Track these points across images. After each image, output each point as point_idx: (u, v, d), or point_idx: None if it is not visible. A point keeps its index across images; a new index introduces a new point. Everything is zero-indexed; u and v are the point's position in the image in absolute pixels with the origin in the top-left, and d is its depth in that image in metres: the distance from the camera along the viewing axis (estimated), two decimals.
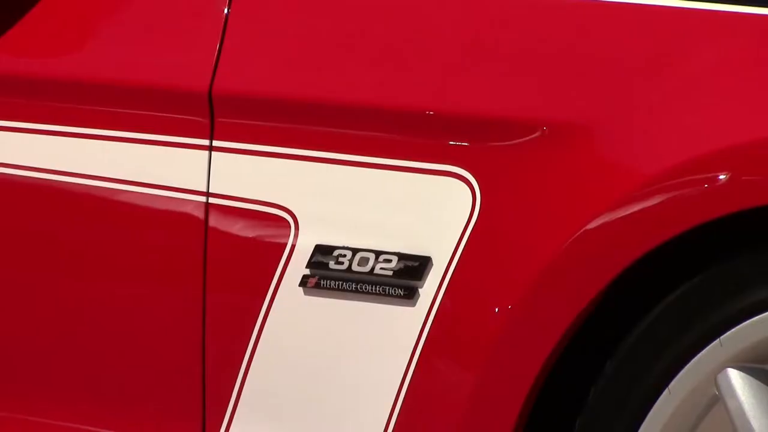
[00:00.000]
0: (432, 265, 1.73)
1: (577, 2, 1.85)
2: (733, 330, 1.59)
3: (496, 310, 1.69)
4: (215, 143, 1.86)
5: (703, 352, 1.61)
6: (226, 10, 1.90)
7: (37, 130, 2.03)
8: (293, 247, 1.80)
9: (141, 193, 1.91)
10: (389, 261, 1.77)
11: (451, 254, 1.73)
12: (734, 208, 1.56)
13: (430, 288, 1.73)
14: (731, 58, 1.74)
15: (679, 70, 1.73)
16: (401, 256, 1.75)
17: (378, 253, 1.76)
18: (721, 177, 1.58)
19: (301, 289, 1.79)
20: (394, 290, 1.74)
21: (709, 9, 1.77)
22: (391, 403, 1.77)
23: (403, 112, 1.80)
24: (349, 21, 1.92)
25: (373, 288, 1.75)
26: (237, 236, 1.86)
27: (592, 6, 1.85)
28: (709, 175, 1.60)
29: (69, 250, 2.02)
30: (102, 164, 1.95)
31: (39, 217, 2.06)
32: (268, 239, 1.83)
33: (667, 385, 1.61)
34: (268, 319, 1.83)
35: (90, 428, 2.01)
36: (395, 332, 1.77)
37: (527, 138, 1.73)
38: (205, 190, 1.85)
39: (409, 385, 1.74)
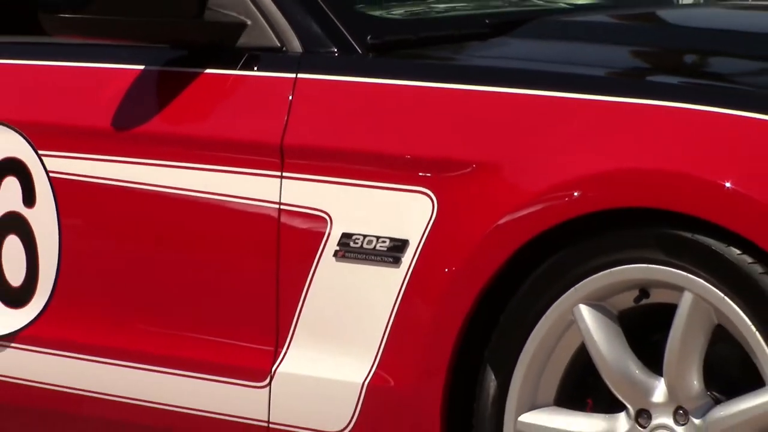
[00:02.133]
0: (409, 244, 2.19)
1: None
2: (581, 282, 2.07)
3: (446, 270, 2.14)
4: (284, 173, 2.29)
5: (565, 294, 2.08)
6: (290, 97, 2.32)
7: (180, 166, 2.38)
8: (329, 233, 2.26)
9: (244, 202, 2.34)
10: (384, 242, 2.22)
11: (419, 238, 2.19)
12: (582, 212, 2.04)
13: (407, 257, 2.19)
14: (585, 127, 2.16)
15: (554, 133, 2.16)
16: (391, 239, 2.22)
17: (378, 237, 2.22)
18: (575, 194, 2.05)
19: (333, 258, 2.25)
20: (387, 258, 2.22)
21: (576, 97, 2.18)
22: (385, 322, 2.20)
23: (395, 157, 2.25)
24: (370, 111, 2.33)
25: (375, 257, 2.23)
26: (297, 227, 2.31)
27: (502, 95, 2.25)
28: (568, 192, 2.06)
29: (199, 235, 2.40)
30: (220, 186, 2.36)
31: (186, 215, 2.43)
32: (315, 229, 2.27)
33: (544, 313, 2.09)
34: (315, 274, 2.26)
35: (212, 338, 2.38)
36: (388, 283, 2.22)
37: (465, 171, 2.17)
38: (278, 200, 2.30)
39: (396, 313, 2.19)
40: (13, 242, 2.53)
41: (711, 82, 2.29)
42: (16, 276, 2.53)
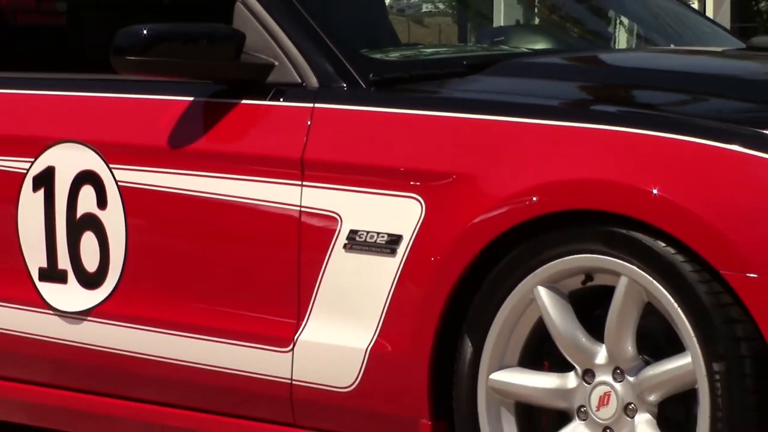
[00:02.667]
0: (402, 239, 2.17)
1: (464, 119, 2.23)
2: (539, 269, 2.05)
3: (432, 259, 2.12)
4: (304, 183, 2.28)
5: (526, 278, 2.07)
6: (308, 123, 2.30)
7: (221, 177, 2.36)
8: (340, 230, 2.24)
9: (271, 205, 2.32)
10: (383, 237, 2.19)
11: (411, 234, 2.16)
12: (539, 213, 2.04)
13: (401, 249, 2.17)
14: (541, 145, 2.15)
15: (516, 150, 2.16)
16: (388, 235, 2.19)
17: (378, 233, 2.20)
18: (534, 199, 2.04)
19: (343, 249, 2.23)
20: (385, 250, 2.19)
21: (533, 122, 2.17)
22: (384, 300, 2.18)
23: (392, 169, 2.23)
24: (372, 133, 2.31)
25: (376, 249, 2.20)
26: (314, 225, 2.27)
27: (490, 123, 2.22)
28: (528, 197, 2.06)
29: (236, 231, 2.39)
30: (253, 192, 2.34)
31: (225, 215, 2.38)
32: (328, 227, 2.25)
33: (510, 293, 2.08)
34: (329, 263, 2.25)
35: (246, 313, 2.35)
36: (386, 269, 2.19)
37: (447, 181, 2.16)
38: (299, 204, 2.28)
39: (392, 293, 2.17)
40: (89, 237, 2.52)
41: (640, 110, 2.28)
42: (91, 264, 2.52)
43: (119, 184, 2.48)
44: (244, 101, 2.42)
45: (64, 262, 2.55)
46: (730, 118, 2.12)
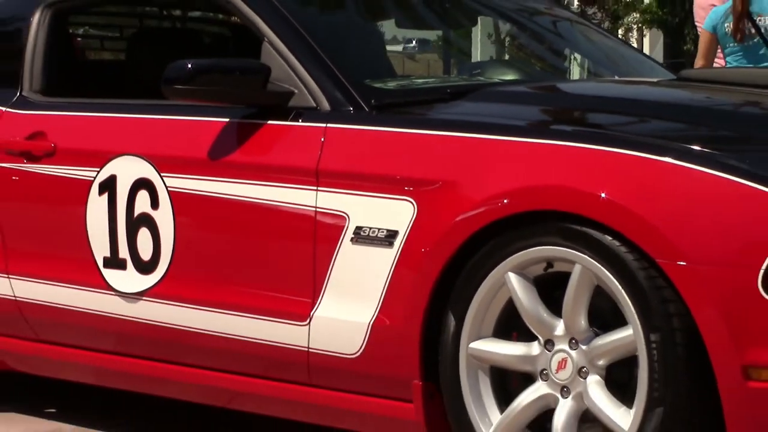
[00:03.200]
0: (398, 233, 2.15)
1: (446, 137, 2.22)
2: (509, 258, 2.03)
3: (422, 250, 2.11)
4: (319, 188, 2.25)
5: (499, 266, 2.05)
6: (322, 139, 2.28)
7: (252, 183, 2.34)
8: (347, 227, 2.21)
9: (292, 206, 2.29)
10: (383, 232, 2.17)
11: (405, 230, 2.14)
12: (509, 213, 2.03)
13: (398, 242, 2.15)
14: (511, 157, 2.12)
15: (491, 161, 2.13)
16: (387, 230, 2.17)
17: (378, 229, 2.18)
18: (504, 201, 2.03)
19: (350, 242, 2.20)
20: (384, 243, 2.17)
21: (504, 139, 2.15)
22: (384, 284, 2.16)
23: (389, 177, 2.20)
24: (373, 148, 2.29)
25: (377, 242, 2.18)
26: (327, 222, 2.24)
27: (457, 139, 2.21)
28: (500, 200, 2.04)
29: (263, 228, 2.36)
30: (277, 196, 2.31)
31: (255, 214, 2.35)
32: (338, 224, 2.22)
33: (485, 278, 2.06)
34: (338, 253, 2.22)
35: (273, 294, 2.31)
36: (384, 259, 2.17)
37: (435, 186, 2.14)
38: (315, 205, 2.25)
39: (390, 278, 2.15)
40: (144, 232, 2.50)
41: (590, 129, 2.26)
42: (146, 254, 2.50)
43: (169, 189, 2.46)
44: (269, 122, 2.40)
45: (123, 252, 2.54)
46: (664, 135, 2.11)
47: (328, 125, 2.33)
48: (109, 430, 2.68)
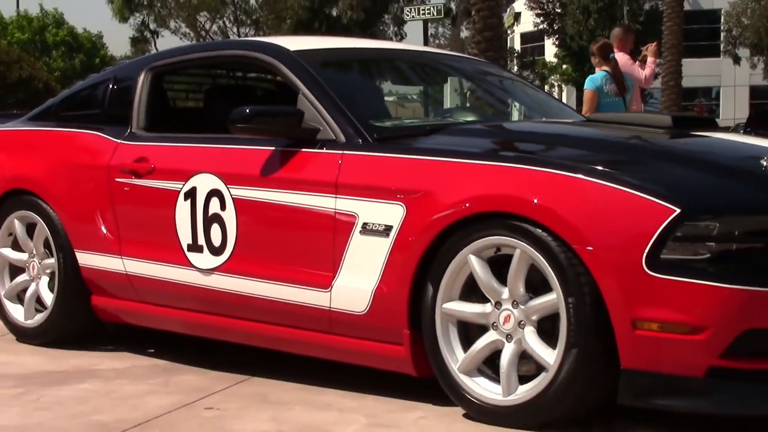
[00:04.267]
0: (393, 227, 2.11)
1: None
2: (470, 245, 2.01)
3: (410, 239, 2.08)
4: (337, 196, 2.21)
5: (463, 250, 2.02)
6: (339, 162, 2.24)
7: (290, 192, 2.29)
8: (357, 222, 2.17)
9: (318, 208, 2.24)
10: (382, 226, 2.13)
11: (398, 225, 2.10)
12: (470, 213, 1.99)
13: (393, 234, 2.11)
14: (471, 175, 2.05)
15: (456, 177, 2.06)
16: (385, 225, 2.13)
17: (379, 224, 2.14)
18: (467, 204, 2.00)
19: (359, 233, 2.16)
20: (383, 234, 2.13)
21: (466, 162, 2.10)
22: (382, 262, 2.12)
23: (386, 188, 2.15)
24: (374, 168, 2.21)
25: (378, 233, 2.14)
26: (342, 220, 2.20)
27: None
28: (463, 204, 2.01)
29: (298, 223, 2.30)
30: (308, 201, 2.26)
31: (292, 214, 2.29)
32: (351, 220, 2.18)
33: (453, 258, 2.03)
34: (350, 241, 2.18)
35: (305, 269, 2.26)
36: (383, 245, 2.13)
37: (418, 195, 2.09)
38: (334, 208, 2.21)
39: (387, 258, 2.12)
40: (215, 227, 2.45)
41: (525, 154, 2.19)
42: (216, 242, 2.45)
43: (233, 196, 2.42)
44: (303, 150, 2.36)
45: (201, 240, 2.49)
46: (576, 159, 2.06)
47: (344, 152, 2.29)
48: (191, 364, 2.64)
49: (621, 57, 5.24)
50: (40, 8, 28.49)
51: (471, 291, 2.09)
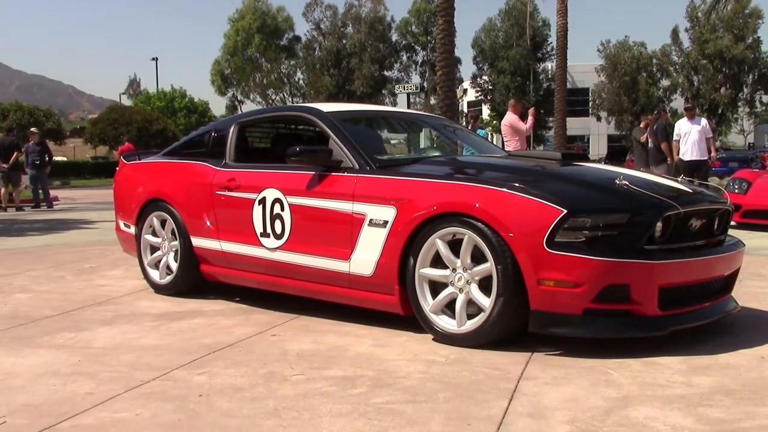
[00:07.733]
0: (389, 221, 2.05)
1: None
2: (436, 232, 1.96)
3: (399, 229, 2.01)
4: (354, 202, 2.15)
5: (432, 235, 1.98)
6: (355, 181, 2.14)
7: (323, 199, 2.22)
8: (366, 219, 2.11)
9: (342, 209, 2.17)
10: (381, 221, 2.08)
11: (392, 220, 2.05)
12: (437, 213, 1.94)
13: (389, 225, 2.05)
14: (437, 190, 1.97)
15: (427, 191, 1.97)
16: (383, 220, 2.07)
17: (380, 219, 2.08)
18: (434, 207, 1.95)
19: (368, 225, 2.10)
20: (382, 226, 2.07)
21: (434, 181, 2.01)
22: (382, 244, 2.06)
23: (384, 197, 2.07)
24: (377, 186, 2.09)
25: (379, 225, 2.08)
26: (356, 217, 2.13)
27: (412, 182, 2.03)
28: (432, 207, 1.95)
29: (328, 219, 2.21)
30: (334, 205, 2.19)
31: (324, 214, 2.22)
32: (362, 218, 2.11)
33: (426, 241, 1.96)
34: (362, 230, 2.12)
35: (334, 248, 2.15)
36: (382, 233, 2.07)
37: (404, 201, 2.04)
38: (351, 210, 2.15)
39: (385, 241, 2.06)
40: (277, 221, 2.41)
41: (471, 176, 2.10)
42: (278, 231, 2.40)
43: (289, 203, 2.37)
44: (332, 173, 2.31)
45: (268, 230, 2.44)
46: (501, 179, 1.99)
47: (358, 175, 2.25)
48: (262, 308, 2.59)
49: (511, 116, 5.52)
50: (171, 87, 31.90)
51: (437, 261, 2.05)
